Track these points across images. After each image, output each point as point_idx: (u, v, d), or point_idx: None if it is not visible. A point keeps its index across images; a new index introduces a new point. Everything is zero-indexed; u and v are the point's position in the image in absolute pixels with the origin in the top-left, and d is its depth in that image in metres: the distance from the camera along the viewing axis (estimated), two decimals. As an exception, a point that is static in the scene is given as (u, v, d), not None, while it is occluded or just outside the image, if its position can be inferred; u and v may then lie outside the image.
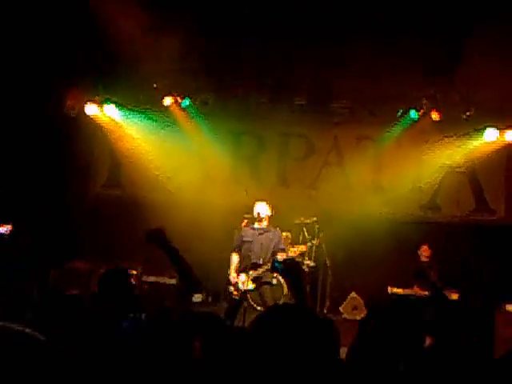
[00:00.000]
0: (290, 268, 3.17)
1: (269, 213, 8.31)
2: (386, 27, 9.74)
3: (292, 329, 2.34)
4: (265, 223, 8.29)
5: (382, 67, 9.87)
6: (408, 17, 9.68)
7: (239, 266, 8.22)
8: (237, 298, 7.98)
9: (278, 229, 8.46)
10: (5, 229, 8.06)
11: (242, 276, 8.05)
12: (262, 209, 8.28)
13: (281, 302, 8.58)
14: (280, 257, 7.92)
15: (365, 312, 9.64)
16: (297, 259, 8.88)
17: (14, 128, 10.58)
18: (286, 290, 8.92)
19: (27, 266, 9.06)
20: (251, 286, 8.05)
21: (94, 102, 10.70)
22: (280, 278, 8.78)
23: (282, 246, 8.37)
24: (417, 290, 8.83)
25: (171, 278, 9.68)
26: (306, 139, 11.30)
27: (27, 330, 0.96)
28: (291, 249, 8.38)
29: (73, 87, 10.45)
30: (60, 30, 9.69)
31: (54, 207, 10.59)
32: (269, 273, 8.15)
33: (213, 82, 10.63)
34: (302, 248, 8.55)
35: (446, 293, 8.26)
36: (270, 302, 7.67)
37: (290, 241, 9.74)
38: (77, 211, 10.91)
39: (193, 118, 11.02)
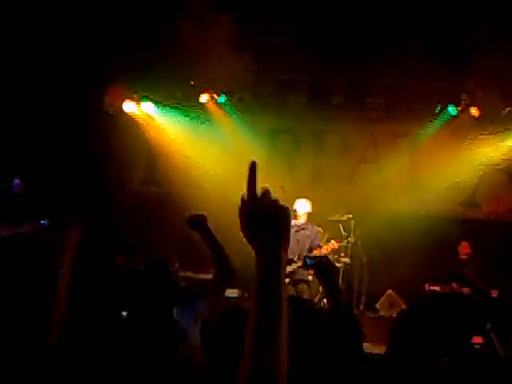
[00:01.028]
0: (320, 265, 3.15)
1: (308, 210, 8.30)
2: (424, 21, 9.64)
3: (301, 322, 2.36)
4: (302, 220, 8.28)
5: (420, 62, 9.76)
6: (446, 11, 9.58)
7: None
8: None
9: (315, 226, 8.44)
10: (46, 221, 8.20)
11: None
12: (302, 206, 8.28)
13: (317, 298, 8.58)
14: (314, 253, 7.93)
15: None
16: (332, 256, 8.86)
17: (54, 125, 10.76)
18: (322, 286, 8.89)
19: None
20: (286, 280, 8.05)
21: (131, 99, 10.83)
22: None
23: (318, 243, 8.36)
24: (455, 288, 8.72)
25: (208, 273, 9.73)
26: (342, 136, 11.25)
27: None
28: (324, 246, 8.38)
29: (112, 84, 10.58)
30: (99, 28, 9.82)
31: (91, 204, 10.73)
32: (303, 269, 8.13)
33: (249, 79, 10.65)
34: (334, 245, 8.52)
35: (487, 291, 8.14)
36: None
37: (322, 237, 9.72)
38: (114, 208, 11.04)
39: (229, 114, 11.07)
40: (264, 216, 1.45)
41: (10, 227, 8.09)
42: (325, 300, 7.67)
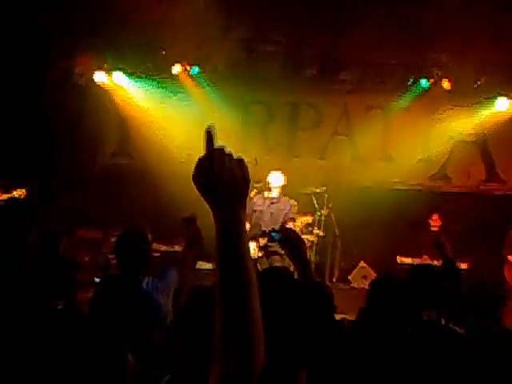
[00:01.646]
0: (286, 238, 3.16)
1: (282, 183, 8.29)
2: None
3: (279, 291, 2.37)
4: (276, 193, 8.28)
5: (393, 35, 9.75)
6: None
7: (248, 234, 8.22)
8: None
9: (289, 199, 8.45)
10: (19, 193, 8.08)
11: (252, 244, 8.08)
12: (276, 179, 8.26)
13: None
14: (288, 226, 7.96)
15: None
16: (305, 229, 8.91)
17: (22, 96, 10.56)
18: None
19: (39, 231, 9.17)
20: (259, 254, 8.09)
21: (102, 69, 10.63)
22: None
23: (291, 216, 8.38)
24: (426, 260, 8.84)
25: (181, 246, 9.77)
26: (315, 108, 11.23)
27: None
28: (297, 219, 8.39)
29: (81, 55, 10.37)
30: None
31: (63, 175, 10.61)
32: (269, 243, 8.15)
33: (222, 49, 10.53)
34: (308, 219, 8.54)
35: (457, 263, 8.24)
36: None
37: (296, 210, 9.77)
38: (86, 180, 10.92)
39: (202, 86, 10.95)
40: (221, 176, 1.37)
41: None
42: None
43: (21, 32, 9.92)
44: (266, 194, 8.32)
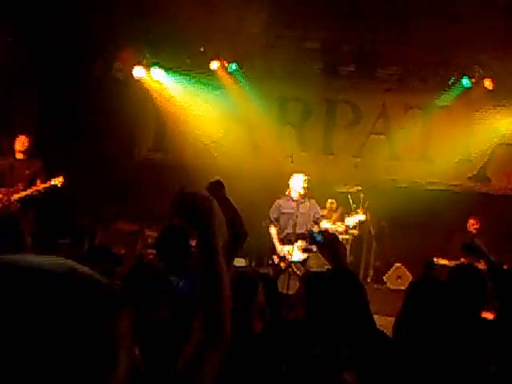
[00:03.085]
0: (328, 241, 3.12)
1: (302, 185, 8.07)
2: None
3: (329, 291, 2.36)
4: (302, 193, 8.10)
5: (434, 33, 9.60)
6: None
7: (281, 238, 8.15)
8: (283, 267, 7.97)
9: (311, 198, 8.29)
10: (57, 180, 8.10)
11: (288, 247, 8.00)
12: (297, 181, 8.07)
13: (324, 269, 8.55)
14: (316, 228, 7.90)
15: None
16: (342, 229, 8.81)
17: (62, 89, 10.71)
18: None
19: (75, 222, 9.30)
20: (302, 255, 7.99)
21: (141, 65, 10.71)
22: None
23: (321, 213, 8.33)
24: (464, 262, 8.67)
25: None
26: (353, 106, 11.11)
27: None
28: (348, 217, 8.31)
29: (122, 50, 10.46)
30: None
31: (99, 169, 10.72)
32: (309, 244, 8.03)
33: (260, 46, 10.51)
34: (362, 218, 8.42)
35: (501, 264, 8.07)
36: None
37: (335, 208, 9.68)
38: (123, 174, 11.01)
39: (239, 82, 10.94)
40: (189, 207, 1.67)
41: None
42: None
43: (63, 27, 10.06)
44: (294, 195, 8.17)
